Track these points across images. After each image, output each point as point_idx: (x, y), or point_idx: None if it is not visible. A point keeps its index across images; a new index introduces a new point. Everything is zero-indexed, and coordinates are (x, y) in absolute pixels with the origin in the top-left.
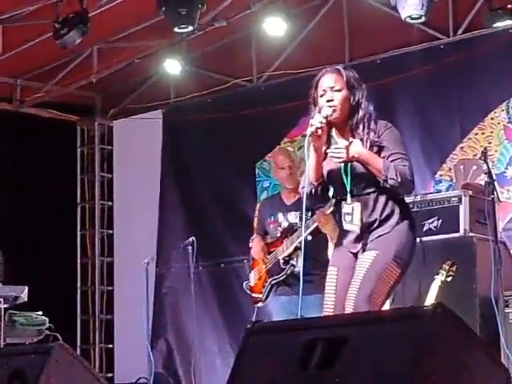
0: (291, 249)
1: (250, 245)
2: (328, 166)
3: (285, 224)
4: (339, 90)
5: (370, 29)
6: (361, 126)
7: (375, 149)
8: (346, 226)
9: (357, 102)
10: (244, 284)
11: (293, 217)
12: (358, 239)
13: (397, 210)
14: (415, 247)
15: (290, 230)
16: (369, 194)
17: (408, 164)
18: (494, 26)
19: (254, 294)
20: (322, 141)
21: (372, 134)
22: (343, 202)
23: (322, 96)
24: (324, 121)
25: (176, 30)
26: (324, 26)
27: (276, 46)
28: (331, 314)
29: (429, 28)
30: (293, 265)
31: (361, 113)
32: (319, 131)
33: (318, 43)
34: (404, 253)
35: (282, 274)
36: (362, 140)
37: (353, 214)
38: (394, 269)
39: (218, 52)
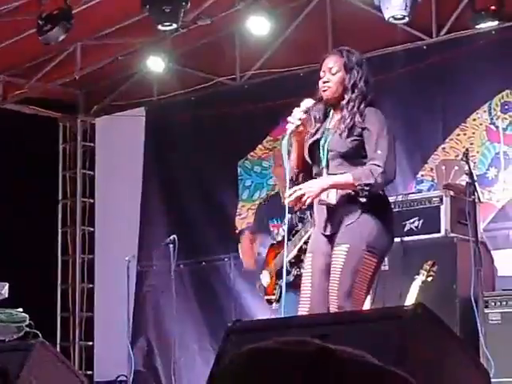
0: (295, 251)
1: (241, 241)
2: (309, 140)
3: (283, 229)
4: (336, 72)
5: (353, 28)
6: (350, 106)
7: (358, 130)
8: (321, 201)
9: (352, 84)
10: (258, 285)
11: (294, 218)
12: (327, 221)
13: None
14: (391, 233)
15: (291, 231)
16: (340, 174)
17: (385, 161)
18: (477, 27)
19: (266, 297)
20: (304, 133)
21: (358, 115)
22: (317, 177)
23: (321, 78)
24: (304, 116)
25: (160, 27)
26: (307, 25)
27: (259, 45)
28: (307, 297)
29: (412, 28)
30: (299, 266)
31: (354, 94)
32: (300, 128)
33: (301, 42)
34: (377, 241)
35: (289, 277)
36: (346, 119)
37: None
38: (370, 259)
39: (201, 50)
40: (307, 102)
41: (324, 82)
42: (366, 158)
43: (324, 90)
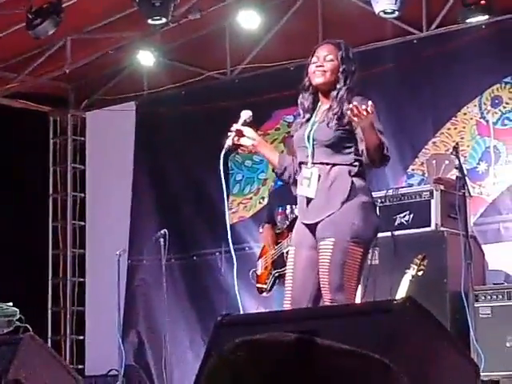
0: None
1: (261, 230)
2: (299, 130)
3: (292, 216)
4: (331, 60)
5: (343, 23)
6: (339, 96)
7: (346, 120)
8: (301, 191)
9: (345, 76)
10: (251, 272)
11: None
12: (309, 210)
13: (346, 186)
14: (375, 221)
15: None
16: (322, 163)
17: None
18: (467, 21)
19: (258, 285)
20: (258, 140)
21: (346, 104)
22: (303, 166)
23: (314, 63)
24: (240, 127)
25: (150, 21)
26: (298, 19)
27: (250, 39)
28: (290, 292)
29: (402, 23)
30: None
31: (345, 86)
32: (235, 139)
33: (291, 37)
34: (361, 231)
35: (284, 269)
36: (334, 108)
37: (311, 178)
38: (356, 249)
39: (191, 44)
40: (245, 114)
41: (318, 66)
42: (351, 149)
43: (316, 75)
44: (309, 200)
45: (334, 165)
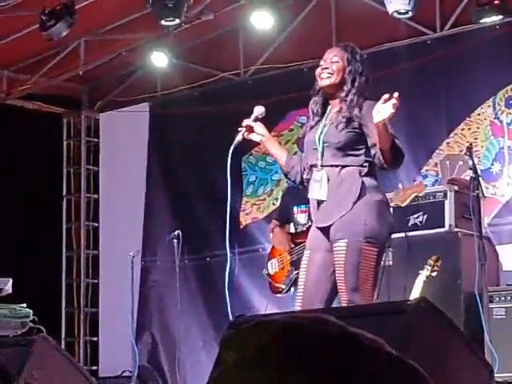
0: None
1: (271, 234)
2: (309, 133)
3: None
4: (337, 62)
5: (357, 23)
6: (348, 99)
7: (355, 124)
8: (312, 194)
9: (352, 78)
10: (264, 271)
11: None
12: (321, 213)
13: (356, 186)
14: (388, 219)
15: None
16: (332, 166)
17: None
18: (481, 21)
19: (276, 284)
20: (267, 137)
21: (357, 109)
22: (313, 169)
23: (320, 66)
24: (251, 123)
25: (163, 22)
26: (311, 20)
27: (263, 40)
28: (302, 293)
29: (416, 23)
30: None
31: (353, 88)
32: (245, 134)
33: (305, 37)
34: (375, 231)
35: None
36: (343, 111)
37: (321, 181)
38: (370, 250)
39: (205, 45)
40: (258, 110)
41: (323, 69)
42: (361, 150)
43: (322, 77)
44: (319, 203)
45: (343, 167)
